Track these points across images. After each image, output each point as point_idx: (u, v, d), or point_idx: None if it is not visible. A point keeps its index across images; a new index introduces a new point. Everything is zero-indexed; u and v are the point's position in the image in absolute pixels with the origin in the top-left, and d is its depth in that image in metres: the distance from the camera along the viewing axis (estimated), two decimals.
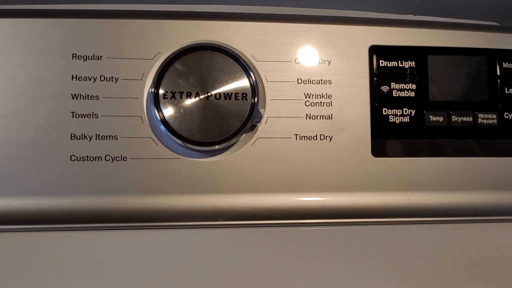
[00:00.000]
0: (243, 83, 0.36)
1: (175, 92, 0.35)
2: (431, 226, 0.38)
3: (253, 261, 0.34)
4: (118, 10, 0.38)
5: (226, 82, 0.36)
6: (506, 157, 0.39)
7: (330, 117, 0.38)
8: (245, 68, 0.36)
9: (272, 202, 0.37)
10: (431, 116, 0.39)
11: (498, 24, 0.49)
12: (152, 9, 0.38)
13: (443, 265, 0.35)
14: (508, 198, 0.39)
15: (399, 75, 0.39)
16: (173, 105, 0.35)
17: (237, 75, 0.36)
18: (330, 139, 0.38)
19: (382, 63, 0.39)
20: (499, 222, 0.39)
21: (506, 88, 0.40)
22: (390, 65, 0.39)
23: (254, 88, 0.36)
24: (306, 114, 0.38)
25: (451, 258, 0.35)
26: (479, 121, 0.39)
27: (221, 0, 0.47)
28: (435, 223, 0.38)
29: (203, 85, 0.35)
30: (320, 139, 0.38)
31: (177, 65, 0.36)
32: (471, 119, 0.39)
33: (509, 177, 0.39)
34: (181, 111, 0.35)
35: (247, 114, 0.36)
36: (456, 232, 0.38)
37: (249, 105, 0.36)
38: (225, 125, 0.35)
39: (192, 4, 0.47)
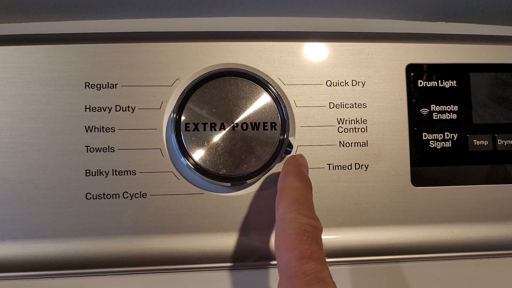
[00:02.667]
0: (271, 111, 0.33)
1: (197, 123, 0.32)
2: (477, 262, 0.35)
3: None
4: (132, 33, 0.35)
5: (253, 110, 0.33)
6: None
7: (365, 144, 0.35)
8: (273, 95, 0.33)
9: None
10: (475, 140, 0.36)
11: None
12: (169, 31, 0.35)
13: None
14: None
15: (440, 96, 0.36)
16: (196, 137, 0.32)
17: (265, 102, 0.33)
18: (366, 168, 0.35)
19: (420, 83, 0.36)
20: None
21: None
22: (429, 85, 0.36)
23: (284, 117, 0.33)
24: (340, 142, 0.35)
25: None
26: None
27: (231, 9, 0.43)
28: (482, 258, 0.35)
29: (228, 115, 0.32)
30: (355, 168, 0.35)
31: (199, 93, 0.33)
32: None
33: None
34: (205, 143, 0.32)
35: (276, 145, 0.33)
36: (506, 268, 0.35)
37: (279, 136, 0.33)
38: (253, 158, 0.32)
39: (203, 15, 0.44)
